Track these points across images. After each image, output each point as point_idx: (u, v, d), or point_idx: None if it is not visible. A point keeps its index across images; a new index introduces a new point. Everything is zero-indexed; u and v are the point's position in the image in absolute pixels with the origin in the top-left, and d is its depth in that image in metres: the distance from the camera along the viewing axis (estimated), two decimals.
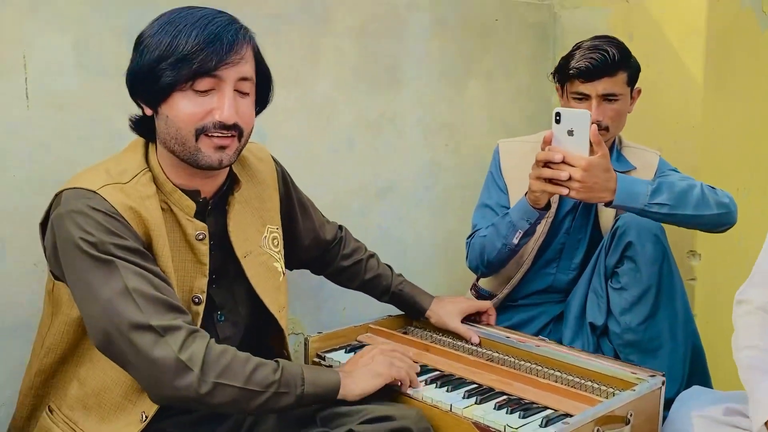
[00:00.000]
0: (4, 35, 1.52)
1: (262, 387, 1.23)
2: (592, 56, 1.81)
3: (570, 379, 1.51)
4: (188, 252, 1.34)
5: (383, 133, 2.19)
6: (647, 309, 1.73)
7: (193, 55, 1.23)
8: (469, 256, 1.97)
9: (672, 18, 2.28)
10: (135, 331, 1.18)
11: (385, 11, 2.14)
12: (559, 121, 1.60)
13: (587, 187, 1.57)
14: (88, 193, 1.23)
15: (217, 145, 1.28)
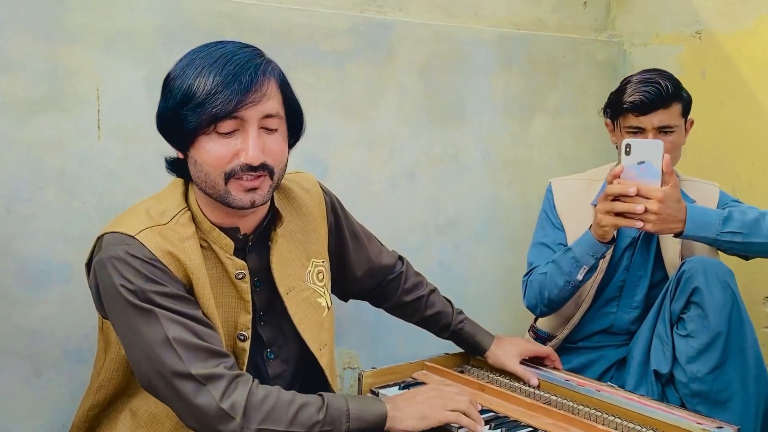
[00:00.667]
0: (81, 70, 1.60)
1: (305, 428, 1.23)
2: (646, 89, 1.77)
3: (630, 427, 1.45)
4: (231, 288, 1.34)
5: (445, 168, 2.19)
6: (716, 358, 1.64)
7: (212, 98, 1.20)
8: (526, 294, 1.92)
9: (746, 55, 2.21)
10: (177, 379, 1.19)
11: (449, 48, 2.15)
12: (629, 152, 1.57)
13: (662, 219, 1.54)
14: (127, 238, 1.23)
15: (246, 188, 1.25)
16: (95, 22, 1.60)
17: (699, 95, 2.33)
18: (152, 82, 1.67)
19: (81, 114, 1.60)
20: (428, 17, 2.13)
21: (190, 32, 1.71)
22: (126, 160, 1.66)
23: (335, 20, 1.93)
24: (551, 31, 2.41)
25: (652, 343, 1.77)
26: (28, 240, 1.57)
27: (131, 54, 1.65)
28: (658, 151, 1.54)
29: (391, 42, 2.03)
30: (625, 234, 1.89)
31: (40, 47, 1.55)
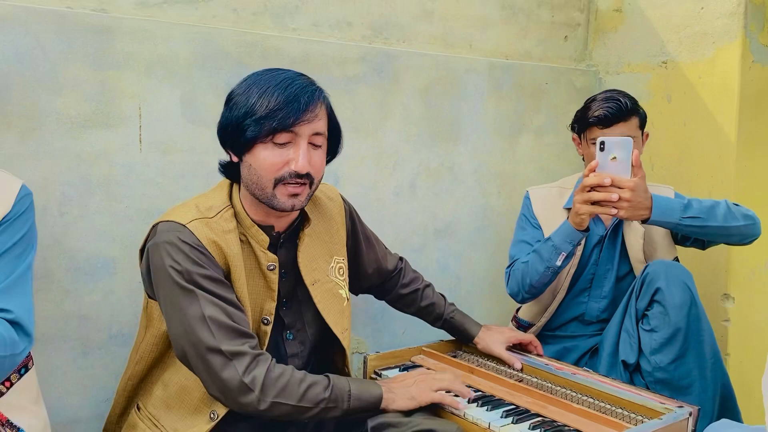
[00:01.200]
0: (125, 91, 1.59)
1: (313, 404, 1.24)
2: (609, 105, 1.79)
3: (602, 406, 1.43)
4: (261, 279, 1.35)
5: (442, 179, 2.17)
6: (676, 350, 1.61)
7: (274, 113, 1.24)
8: (509, 283, 1.89)
9: (707, 82, 2.18)
10: (208, 353, 1.21)
11: (446, 74, 2.13)
12: (603, 149, 1.57)
13: (633, 206, 1.55)
14: (179, 226, 1.26)
15: (291, 193, 1.29)
16: (138, 51, 1.60)
17: (665, 117, 2.31)
18: (187, 103, 1.67)
19: (125, 130, 1.60)
20: (428, 48, 2.11)
21: (221, 59, 1.71)
22: (163, 170, 1.65)
23: (347, 50, 1.92)
24: (536, 60, 2.39)
25: (620, 336, 1.74)
26: (77, 238, 1.56)
27: (169, 78, 1.64)
28: (628, 147, 1.55)
29: (395, 69, 2.02)
30: (594, 233, 1.88)
31: (90, 72, 1.55)
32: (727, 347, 2.16)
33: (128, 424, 1.38)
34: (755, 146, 2.18)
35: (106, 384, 1.60)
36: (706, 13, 2.18)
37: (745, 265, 2.20)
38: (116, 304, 1.61)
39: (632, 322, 1.71)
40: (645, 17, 2.35)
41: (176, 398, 1.32)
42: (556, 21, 2.43)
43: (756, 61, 2.14)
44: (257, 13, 1.79)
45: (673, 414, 1.34)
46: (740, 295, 2.18)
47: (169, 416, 1.31)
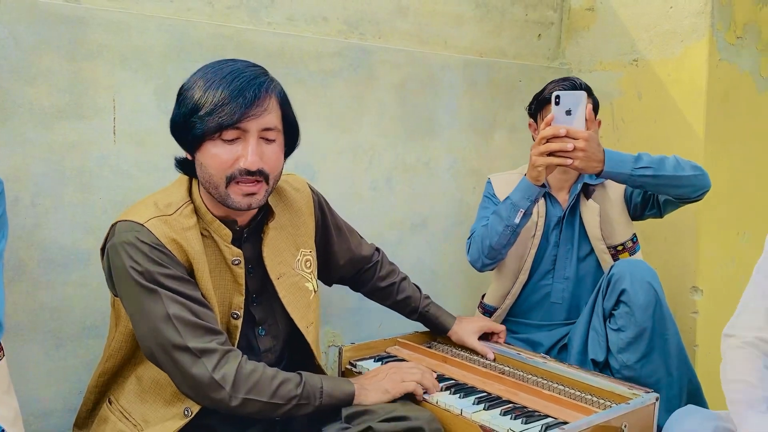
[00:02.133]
0: (99, 83, 1.58)
1: (285, 400, 1.24)
2: (564, 83, 1.84)
3: (571, 392, 1.44)
4: (227, 273, 1.32)
5: (419, 175, 2.18)
6: (642, 349, 1.63)
7: (219, 109, 1.19)
8: (470, 250, 1.88)
9: (676, 79, 2.22)
10: (175, 351, 1.19)
11: (422, 71, 2.14)
12: (558, 103, 1.60)
13: (587, 156, 1.57)
14: (137, 226, 1.22)
15: (245, 192, 1.24)
16: (113, 42, 1.59)
17: (636, 114, 2.35)
18: (162, 95, 1.66)
19: (99, 121, 1.58)
20: (404, 44, 2.12)
21: (196, 52, 1.70)
22: (138, 162, 1.64)
23: (323, 45, 1.92)
24: (510, 58, 2.41)
25: (589, 334, 1.75)
26: (50, 229, 1.54)
27: (144, 70, 1.63)
28: (582, 101, 1.58)
29: (371, 64, 2.02)
30: (552, 214, 1.90)
31: (64, 62, 1.53)
32: (695, 338, 2.19)
33: (99, 418, 1.36)
34: (722, 141, 2.21)
35: (80, 376, 1.58)
36: (674, 13, 2.21)
37: (713, 259, 2.23)
38: (90, 296, 1.59)
39: (600, 321, 1.72)
40: (616, 16, 2.38)
41: (150, 392, 1.30)
42: (529, 19, 2.45)
43: (723, 59, 2.17)
44: (232, 6, 1.78)
45: (640, 399, 1.36)
46: (708, 288, 2.21)
47: (142, 409, 1.29)
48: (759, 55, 2.30)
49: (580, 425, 1.22)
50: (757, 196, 2.39)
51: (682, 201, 1.75)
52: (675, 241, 2.22)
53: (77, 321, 1.58)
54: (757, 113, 2.32)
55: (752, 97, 2.30)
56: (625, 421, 1.29)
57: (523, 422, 1.27)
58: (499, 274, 1.96)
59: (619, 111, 2.39)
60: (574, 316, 1.89)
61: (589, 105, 1.60)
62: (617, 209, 1.87)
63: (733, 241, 2.31)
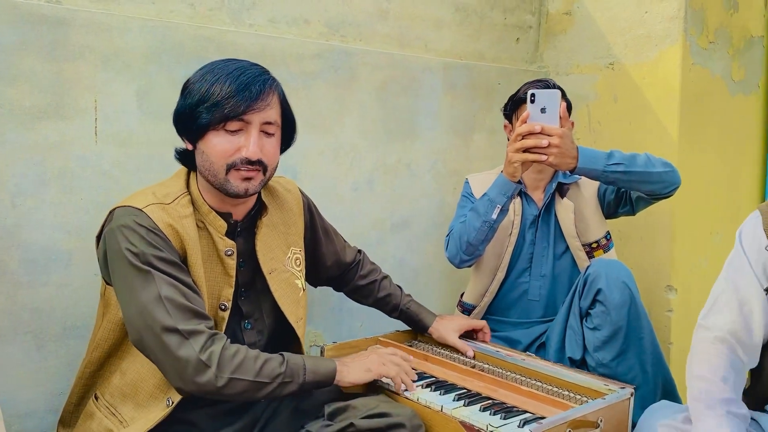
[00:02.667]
0: (81, 83, 1.57)
1: (269, 378, 1.25)
2: (538, 84, 1.87)
3: (549, 389, 1.46)
4: (218, 265, 1.35)
5: (399, 176, 2.20)
6: (618, 347, 1.65)
7: (225, 101, 1.25)
8: (448, 246, 1.91)
9: (651, 83, 2.26)
10: (164, 333, 1.20)
11: (402, 73, 2.16)
12: (533, 101, 1.63)
13: (561, 153, 1.60)
14: (135, 210, 1.25)
15: (243, 177, 1.30)
16: (94, 43, 1.59)
17: (611, 116, 2.39)
18: (144, 96, 1.66)
19: (80, 122, 1.58)
20: (384, 47, 2.14)
21: (177, 54, 1.70)
22: (119, 162, 1.64)
23: (304, 47, 1.93)
24: (489, 62, 2.44)
25: (566, 333, 1.78)
26: (31, 230, 1.53)
27: (125, 71, 1.63)
28: (556, 99, 1.61)
29: (352, 66, 2.04)
30: (528, 213, 1.93)
31: (45, 63, 1.53)
32: (670, 336, 2.24)
33: (85, 413, 1.36)
34: (695, 143, 2.26)
35: (61, 377, 1.57)
36: (649, 18, 2.26)
37: (687, 258, 2.28)
38: (71, 296, 1.59)
39: (577, 320, 1.75)
40: (593, 21, 2.43)
41: (133, 386, 1.30)
42: (508, 23, 2.48)
43: (696, 63, 2.22)
44: (214, 8, 1.79)
45: (616, 394, 1.38)
46: (682, 286, 2.26)
47: (126, 404, 1.30)
48: (730, 59, 2.35)
49: (557, 420, 1.24)
50: (728, 197, 2.44)
51: (654, 197, 1.78)
52: (650, 241, 2.26)
53: (58, 322, 1.58)
54: (728, 116, 2.38)
55: (724, 100, 2.35)
56: (601, 415, 1.31)
57: (502, 418, 1.29)
58: (477, 272, 1.98)
59: (596, 113, 2.43)
60: (551, 314, 1.92)
61: (563, 103, 1.64)
62: (591, 207, 1.90)
63: (706, 241, 2.36)
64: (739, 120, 2.43)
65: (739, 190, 2.48)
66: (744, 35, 2.39)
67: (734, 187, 2.46)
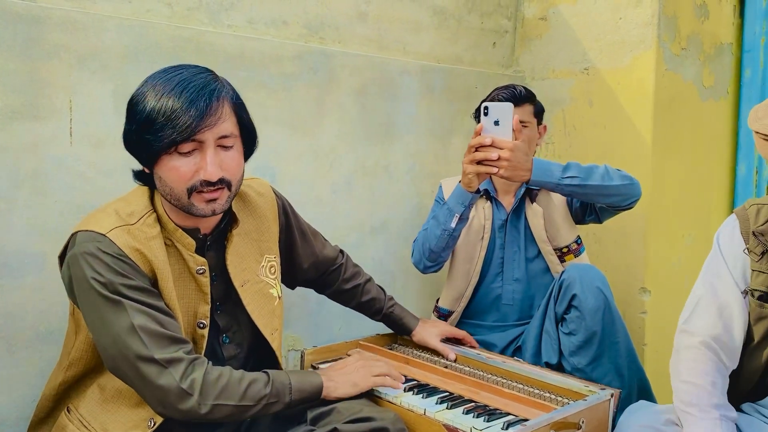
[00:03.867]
0: (55, 83, 1.53)
1: (255, 401, 1.22)
2: (504, 91, 1.88)
3: (531, 391, 1.47)
4: (192, 282, 1.30)
5: (378, 178, 2.19)
6: (593, 352, 1.66)
7: (171, 123, 1.16)
8: (414, 253, 1.94)
9: (625, 88, 2.29)
10: (141, 363, 1.16)
11: (381, 76, 2.15)
12: (487, 113, 1.63)
13: (512, 166, 1.60)
14: (99, 236, 1.19)
15: (207, 199, 1.23)
16: (69, 42, 1.55)
17: (586, 120, 2.41)
18: (120, 96, 1.62)
19: (54, 122, 1.54)
20: (363, 49, 2.13)
21: (155, 54, 1.67)
22: (95, 164, 1.60)
23: (283, 48, 1.91)
24: (466, 65, 2.45)
25: (542, 337, 1.78)
26: (4, 233, 1.49)
27: (101, 71, 1.60)
28: (509, 112, 1.61)
29: (331, 69, 2.02)
30: (497, 217, 1.95)
31: (18, 62, 1.49)
32: (644, 338, 2.27)
33: (57, 426, 1.31)
34: (668, 147, 2.30)
35: (34, 384, 1.52)
36: (623, 23, 2.29)
37: (661, 260, 2.31)
38: (45, 301, 1.54)
39: (552, 324, 1.75)
40: (568, 26, 2.45)
41: (113, 402, 1.26)
42: (485, 28, 2.49)
43: (668, 69, 2.26)
44: (192, 8, 1.76)
45: (596, 395, 1.39)
46: (656, 288, 2.29)
47: (103, 418, 1.25)
48: (701, 65, 2.40)
49: (540, 422, 1.24)
50: (700, 200, 2.49)
51: (613, 209, 1.80)
52: (624, 243, 2.29)
53: (31, 326, 1.53)
54: (700, 121, 2.42)
55: (696, 105, 2.40)
56: (583, 416, 1.32)
57: (485, 420, 1.29)
58: (451, 277, 1.99)
59: (571, 118, 2.45)
60: (526, 317, 1.93)
61: (516, 116, 1.63)
62: (560, 213, 1.92)
63: (678, 243, 2.40)
64: (710, 125, 2.48)
65: (710, 193, 2.53)
66: (714, 42, 2.44)
67: (705, 190, 2.50)
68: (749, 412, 1.39)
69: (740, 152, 2.55)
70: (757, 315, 1.32)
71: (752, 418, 1.38)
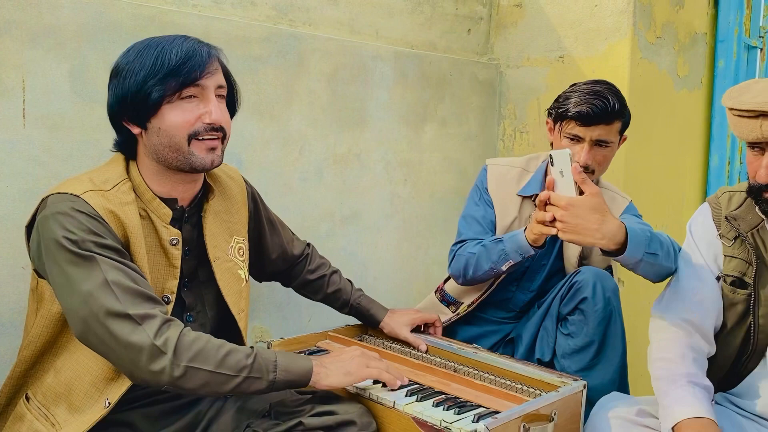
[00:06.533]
0: (7, 62, 1.45)
1: (234, 371, 1.15)
2: (594, 102, 1.59)
3: (502, 382, 1.44)
4: (162, 256, 1.27)
5: (350, 166, 2.14)
6: (587, 360, 1.59)
7: (178, 69, 1.19)
8: (453, 264, 1.76)
9: (600, 76, 2.24)
10: (113, 319, 1.11)
11: (353, 61, 2.10)
12: (553, 163, 1.38)
13: (571, 227, 1.32)
14: (71, 197, 1.16)
15: (208, 147, 1.24)
16: (21, 19, 1.47)
17: None
18: (77, 76, 1.55)
19: (6, 102, 1.46)
20: (334, 32, 2.07)
21: (114, 33, 1.59)
22: (50, 148, 1.52)
23: (250, 30, 1.85)
24: (440, 52, 2.40)
25: (539, 333, 1.72)
26: None
27: (57, 49, 1.52)
28: (567, 160, 1.34)
29: (301, 52, 1.96)
30: None
31: None
32: None
33: (15, 416, 1.25)
34: (643, 136, 2.28)
35: None
36: (599, 11, 2.26)
37: None
38: None
39: (552, 323, 1.68)
40: (543, 13, 2.42)
41: (67, 386, 1.21)
42: (459, 14, 2.45)
43: (643, 57, 2.24)
44: None
45: (569, 387, 1.37)
46: (629, 278, 2.28)
47: (60, 406, 1.20)
48: (676, 55, 2.38)
49: (511, 414, 1.21)
50: (673, 189, 2.48)
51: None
52: None
53: None
54: (673, 111, 2.41)
55: (669, 95, 2.39)
56: (555, 408, 1.29)
57: (456, 413, 1.26)
58: None
59: (545, 106, 2.40)
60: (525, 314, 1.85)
61: (575, 164, 1.33)
62: None
63: None
64: (683, 114, 2.47)
65: (683, 183, 2.52)
66: (689, 31, 2.43)
67: (678, 179, 2.50)
68: (722, 402, 1.38)
69: (713, 143, 2.55)
70: (730, 301, 1.33)
71: (725, 409, 1.36)
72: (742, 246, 1.32)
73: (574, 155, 1.59)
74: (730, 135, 2.55)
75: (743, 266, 1.31)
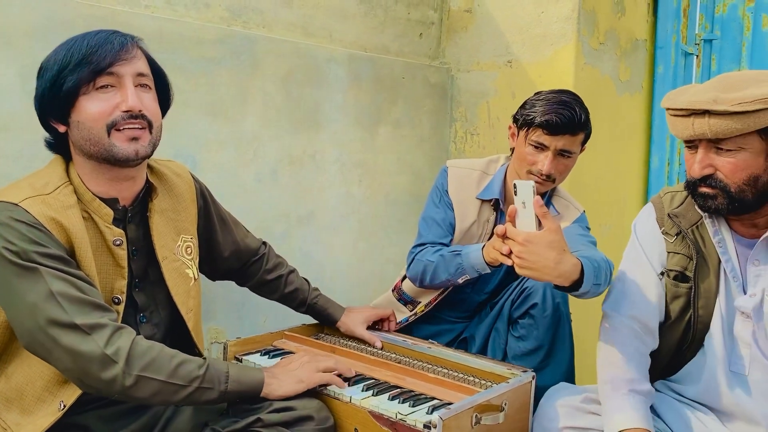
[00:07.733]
0: None
1: (185, 381, 1.17)
2: (562, 112, 1.60)
3: (455, 375, 1.48)
4: (108, 256, 1.25)
5: (304, 167, 2.16)
6: (536, 361, 1.64)
7: (89, 57, 1.18)
8: (411, 267, 1.77)
9: (547, 80, 2.34)
10: (60, 330, 1.10)
11: (307, 62, 2.12)
12: (516, 193, 1.32)
13: (527, 263, 1.27)
14: (10, 205, 1.14)
15: (129, 137, 1.21)
16: None
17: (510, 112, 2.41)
18: (27, 76, 1.52)
19: None
20: (288, 35, 2.09)
21: (65, 32, 1.55)
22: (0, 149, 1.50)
23: (204, 31, 1.85)
24: (393, 55, 2.44)
25: (491, 335, 1.76)
26: None
27: (6, 49, 1.49)
28: (530, 192, 1.29)
29: (255, 54, 1.97)
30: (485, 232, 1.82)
31: None
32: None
33: None
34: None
35: None
36: (545, 17, 2.34)
37: None
38: None
39: (504, 325, 1.73)
40: (492, 19, 2.49)
41: (18, 391, 1.19)
42: (411, 18, 2.50)
43: (587, 63, 2.33)
44: None
45: (518, 378, 1.42)
46: None
47: (11, 411, 1.19)
48: (618, 60, 2.48)
49: (463, 405, 1.26)
50: (616, 191, 2.58)
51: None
52: None
53: None
54: (616, 115, 2.51)
55: (612, 99, 2.48)
56: (505, 399, 1.34)
57: (411, 405, 1.29)
58: None
59: (495, 110, 2.49)
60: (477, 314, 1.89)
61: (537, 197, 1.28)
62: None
63: (597, 233, 2.47)
64: (625, 118, 2.57)
65: (625, 184, 2.63)
66: (630, 38, 2.54)
67: (621, 181, 2.60)
68: (662, 389, 1.46)
69: (654, 145, 2.67)
70: (673, 294, 1.39)
71: (664, 395, 1.44)
72: (683, 242, 1.39)
73: (537, 163, 1.65)
74: (669, 137, 2.67)
75: (684, 261, 1.38)
